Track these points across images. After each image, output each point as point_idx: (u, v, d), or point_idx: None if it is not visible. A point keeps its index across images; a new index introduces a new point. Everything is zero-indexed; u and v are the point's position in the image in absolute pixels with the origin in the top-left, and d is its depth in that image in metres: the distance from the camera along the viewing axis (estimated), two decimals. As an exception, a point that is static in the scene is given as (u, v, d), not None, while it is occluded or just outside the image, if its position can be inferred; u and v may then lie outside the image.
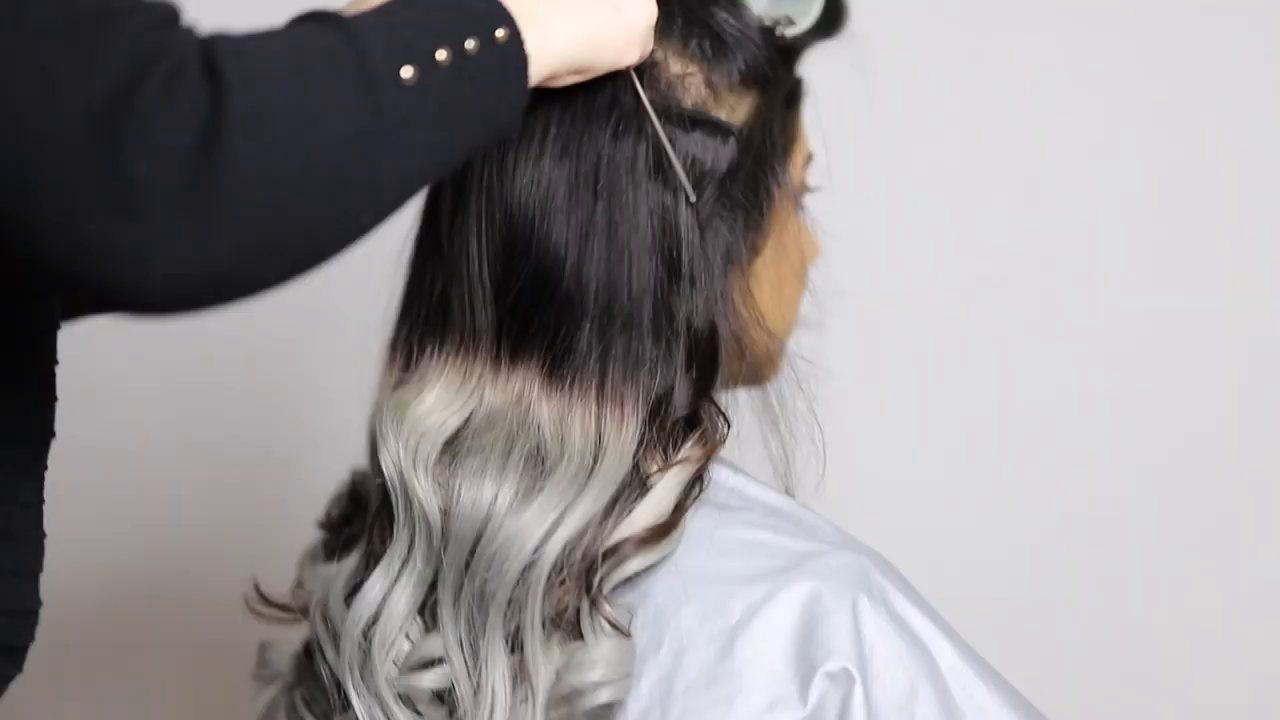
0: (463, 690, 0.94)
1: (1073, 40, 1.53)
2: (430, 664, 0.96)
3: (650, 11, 0.93)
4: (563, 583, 0.93)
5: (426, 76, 0.79)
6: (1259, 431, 1.58)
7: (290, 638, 1.10)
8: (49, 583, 1.13)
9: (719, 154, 0.98)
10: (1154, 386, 1.57)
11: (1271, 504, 1.58)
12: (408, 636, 0.97)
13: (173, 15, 0.75)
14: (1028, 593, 1.59)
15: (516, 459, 0.94)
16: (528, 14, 0.85)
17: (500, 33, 0.83)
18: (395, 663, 0.97)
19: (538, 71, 0.86)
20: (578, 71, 0.91)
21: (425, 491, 0.95)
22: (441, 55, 0.80)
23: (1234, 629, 1.59)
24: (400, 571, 0.97)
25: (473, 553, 0.94)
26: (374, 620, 0.97)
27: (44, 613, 0.94)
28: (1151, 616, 1.59)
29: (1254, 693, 1.59)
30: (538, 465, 0.94)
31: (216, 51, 0.73)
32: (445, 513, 0.95)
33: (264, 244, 0.74)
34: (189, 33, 0.74)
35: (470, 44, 0.81)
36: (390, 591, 0.97)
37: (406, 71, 0.78)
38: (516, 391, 0.95)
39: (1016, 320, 1.57)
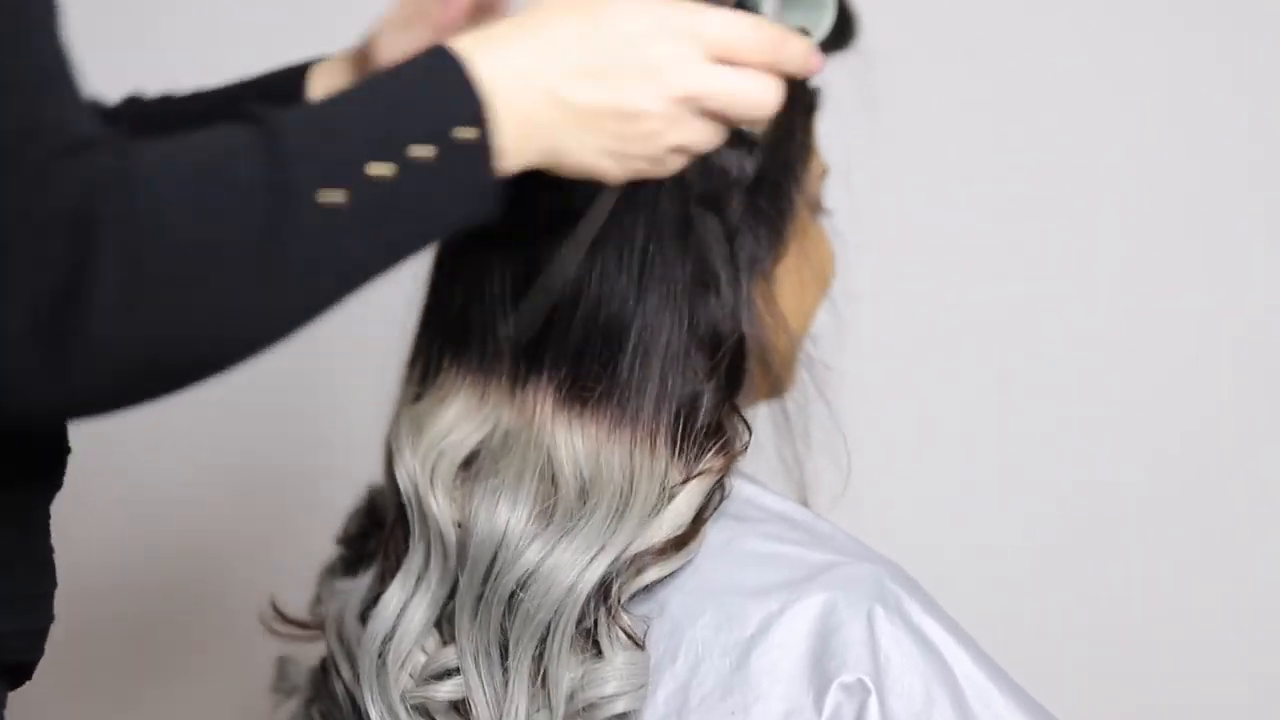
0: (478, 700, 0.95)
1: (1088, 47, 1.54)
2: (446, 675, 0.96)
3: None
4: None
5: (360, 194, 0.71)
6: (1261, 432, 1.58)
7: (309, 652, 1.11)
8: (64, 599, 1.13)
9: (744, 164, 0.98)
10: (1180, 392, 1.57)
11: (1273, 503, 1.58)
12: (423, 649, 0.97)
13: (78, 142, 0.70)
14: (1042, 598, 1.59)
15: (530, 482, 0.94)
16: (523, 105, 0.76)
17: (465, 133, 0.74)
18: (411, 675, 0.97)
19: (514, 166, 0.77)
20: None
21: (442, 510, 0.95)
22: (379, 170, 0.72)
23: (1236, 628, 1.59)
24: (416, 587, 0.97)
25: (488, 573, 0.94)
26: (390, 635, 0.97)
27: (59, 628, 0.94)
28: (1159, 619, 1.59)
29: (1254, 692, 1.58)
30: (551, 489, 0.94)
31: (106, 186, 0.69)
32: (461, 528, 0.95)
33: (137, 376, 0.72)
34: (88, 160, 0.69)
35: (420, 151, 0.73)
36: (407, 606, 0.97)
37: (333, 195, 0.71)
38: (531, 414, 0.95)
39: (1033, 327, 1.58)
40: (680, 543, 0.94)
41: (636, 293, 0.95)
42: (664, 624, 0.95)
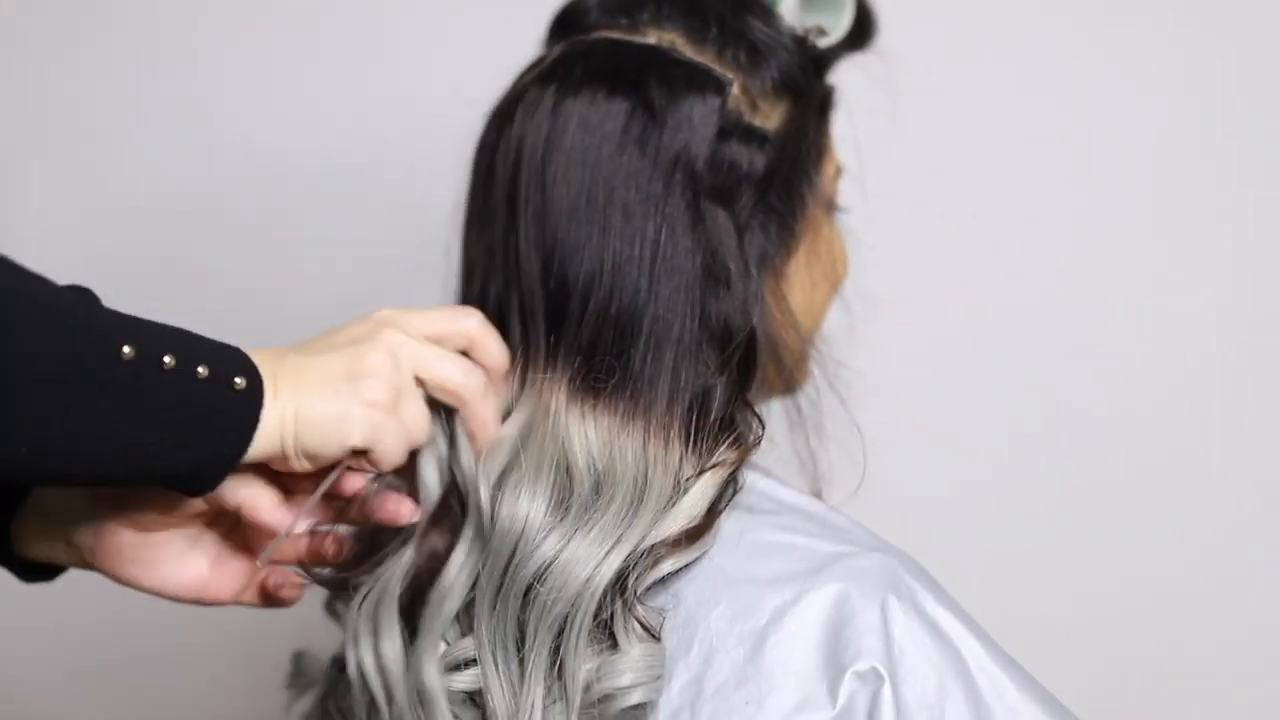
0: (494, 691, 0.95)
1: (1107, 48, 1.54)
2: (464, 665, 0.96)
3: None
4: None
5: (144, 366, 0.81)
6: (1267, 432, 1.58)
7: (325, 646, 1.11)
8: (80, 590, 1.13)
9: (755, 159, 0.99)
10: (1187, 389, 1.57)
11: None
12: (444, 639, 0.97)
13: None
14: (1054, 594, 1.59)
15: (548, 474, 0.95)
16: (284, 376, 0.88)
17: (240, 381, 0.86)
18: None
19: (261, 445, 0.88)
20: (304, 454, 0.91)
21: (485, 500, 0.96)
22: (169, 361, 0.82)
23: (1238, 630, 1.59)
24: (464, 562, 0.97)
25: (508, 565, 0.94)
26: (443, 599, 0.96)
27: (71, 621, 0.94)
28: (1169, 617, 1.59)
29: (1255, 692, 1.58)
30: (567, 480, 0.95)
31: None
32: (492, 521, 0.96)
33: None
34: None
35: (202, 370, 0.84)
36: (458, 577, 0.96)
37: (127, 350, 0.80)
38: (549, 405, 0.96)
39: (1047, 326, 1.58)
40: (695, 534, 0.95)
41: (648, 285, 0.95)
42: (678, 615, 0.95)
